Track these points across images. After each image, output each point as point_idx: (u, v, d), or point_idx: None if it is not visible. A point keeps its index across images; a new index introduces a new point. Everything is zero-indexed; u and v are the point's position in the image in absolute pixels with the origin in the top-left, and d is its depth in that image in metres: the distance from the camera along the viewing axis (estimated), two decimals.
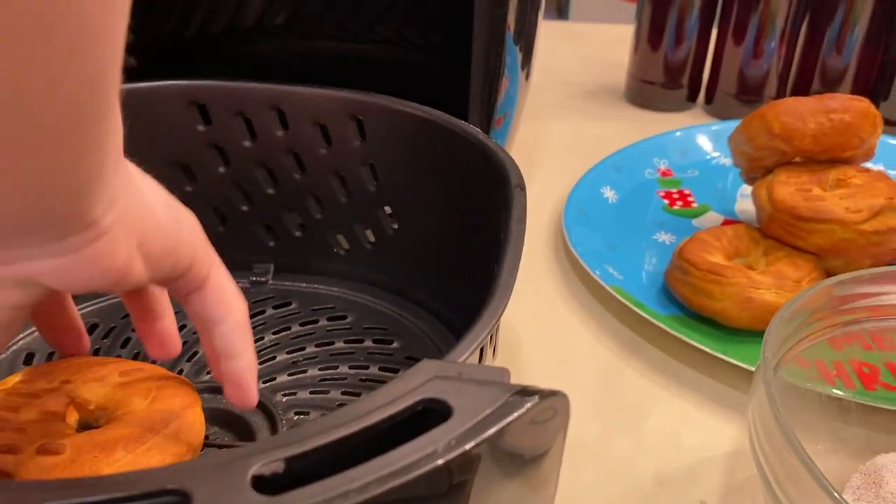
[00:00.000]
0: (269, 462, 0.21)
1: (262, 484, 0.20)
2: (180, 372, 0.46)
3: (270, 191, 0.52)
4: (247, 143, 0.50)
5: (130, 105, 0.49)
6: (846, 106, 0.56)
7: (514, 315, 0.57)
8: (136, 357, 0.47)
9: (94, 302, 0.51)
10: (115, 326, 0.50)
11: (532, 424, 0.24)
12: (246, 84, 0.49)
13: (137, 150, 0.49)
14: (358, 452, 0.22)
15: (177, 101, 0.49)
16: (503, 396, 0.23)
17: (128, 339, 0.49)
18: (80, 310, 0.49)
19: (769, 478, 0.34)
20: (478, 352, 0.30)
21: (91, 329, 0.49)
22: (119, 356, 0.47)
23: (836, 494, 0.29)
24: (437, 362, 0.25)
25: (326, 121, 0.49)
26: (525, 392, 0.23)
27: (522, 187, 0.39)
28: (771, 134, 0.57)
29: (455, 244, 0.48)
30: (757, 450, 0.35)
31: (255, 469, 0.20)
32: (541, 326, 0.56)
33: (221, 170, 0.51)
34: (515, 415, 0.23)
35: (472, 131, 0.45)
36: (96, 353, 0.47)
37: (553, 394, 0.24)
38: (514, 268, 0.33)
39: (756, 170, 0.61)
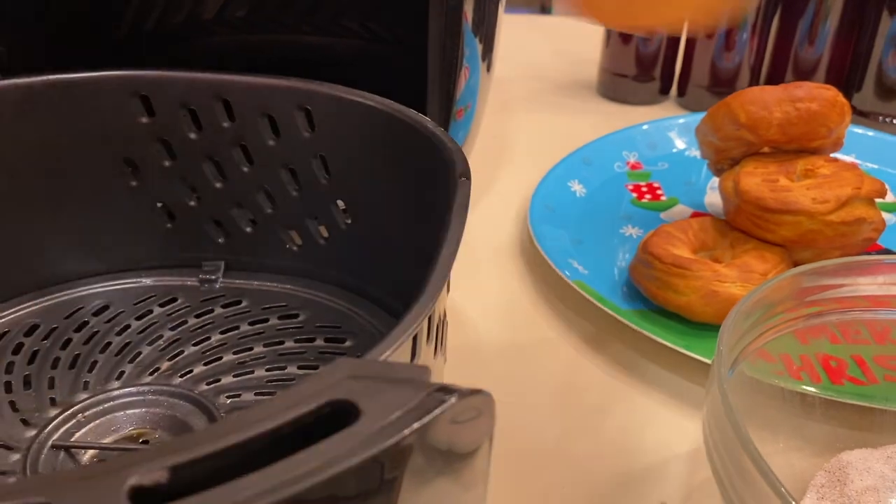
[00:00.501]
0: (150, 471, 0.19)
1: (142, 495, 0.18)
2: (121, 374, 0.44)
3: (218, 185, 0.50)
4: (192, 136, 0.48)
5: (71, 96, 0.47)
6: (812, 94, 0.54)
7: (476, 312, 0.55)
8: (78, 374, 0.45)
9: (36, 301, 0.49)
10: (57, 327, 0.47)
11: (454, 424, 0.22)
12: (189, 74, 0.47)
13: (80, 143, 0.48)
14: (257, 459, 0.20)
15: (118, 92, 0.47)
16: (417, 397, 0.21)
17: (68, 340, 0.47)
18: (20, 310, 0.48)
19: (723, 479, 0.32)
20: (407, 349, 0.28)
21: (30, 330, 0.47)
22: (58, 358, 0.45)
23: (790, 499, 0.28)
24: (354, 361, 0.23)
25: (274, 111, 0.47)
26: (443, 391, 0.21)
27: (467, 176, 0.37)
28: (737, 124, 0.55)
29: (408, 238, 0.46)
30: (711, 450, 0.34)
31: (135, 479, 0.18)
32: (504, 323, 0.54)
33: (167, 163, 0.49)
34: (429, 417, 0.21)
35: (421, 120, 0.43)
36: (34, 355, 0.45)
37: (475, 393, 0.22)
38: (450, 261, 0.31)
39: (723, 161, 0.59)
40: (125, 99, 0.47)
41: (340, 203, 0.49)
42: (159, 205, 0.50)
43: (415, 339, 0.29)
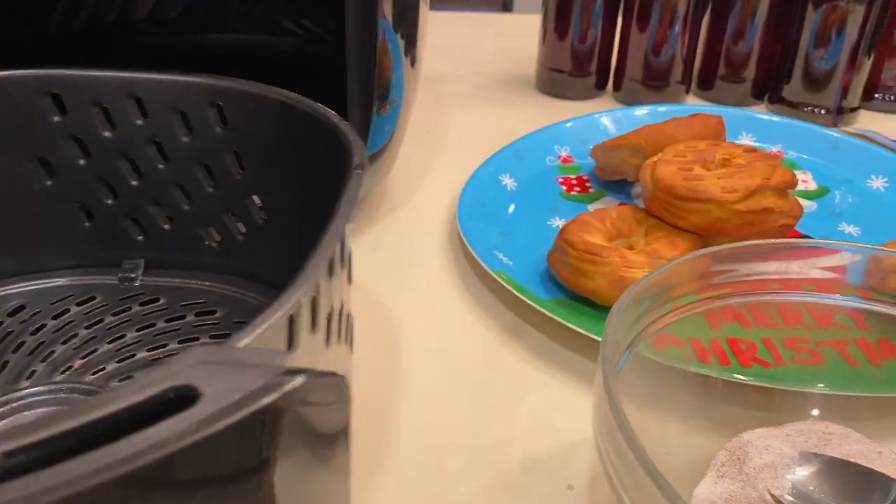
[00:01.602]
0: None
1: None
2: (32, 373, 0.44)
3: (135, 182, 0.49)
4: (106, 134, 0.48)
5: None
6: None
7: (400, 301, 0.55)
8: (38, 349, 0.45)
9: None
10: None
11: (308, 406, 0.22)
12: (100, 72, 0.47)
13: None
14: (93, 444, 0.20)
15: (29, 91, 0.46)
16: (261, 380, 0.21)
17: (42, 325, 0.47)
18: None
19: (606, 463, 0.32)
20: (280, 336, 0.28)
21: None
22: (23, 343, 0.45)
23: (662, 480, 0.28)
24: (209, 347, 0.23)
25: (186, 108, 0.47)
26: (290, 374, 0.21)
27: (363, 168, 0.37)
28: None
29: (321, 232, 0.46)
30: (596, 433, 0.34)
31: None
32: (427, 315, 0.54)
33: (82, 162, 0.48)
34: (270, 398, 0.21)
35: (325, 113, 0.43)
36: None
37: (326, 375, 0.22)
38: (330, 248, 0.31)
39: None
40: (36, 97, 0.47)
41: (257, 199, 0.49)
42: (77, 204, 0.50)
43: (290, 326, 0.28)
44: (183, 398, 0.21)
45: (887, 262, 0.43)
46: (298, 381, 0.21)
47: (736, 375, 0.43)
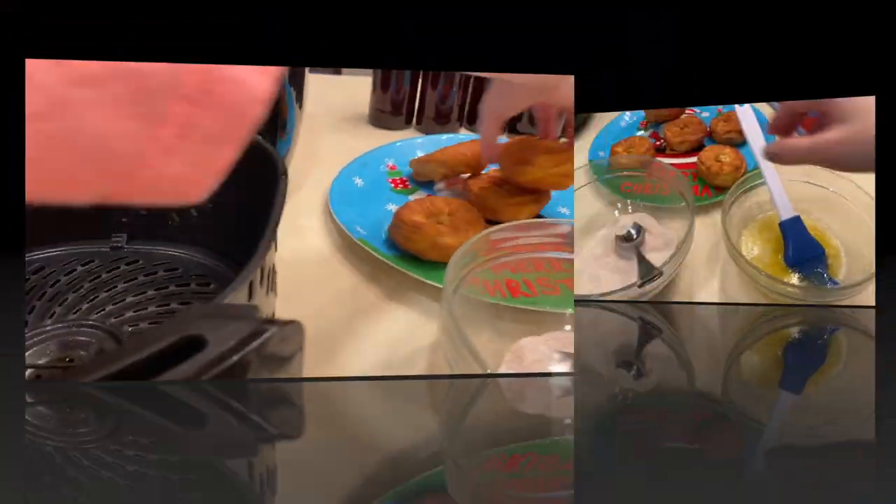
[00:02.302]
0: None
1: None
2: (53, 314, 0.38)
3: None
4: None
5: None
6: None
7: (293, 267, 0.52)
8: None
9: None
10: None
11: (281, 342, 0.20)
12: None
13: None
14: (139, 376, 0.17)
15: None
16: (248, 329, 0.19)
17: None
18: None
19: (448, 357, 0.32)
20: (245, 293, 0.25)
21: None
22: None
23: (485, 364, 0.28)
24: (204, 305, 0.20)
25: None
26: (267, 323, 0.19)
27: (286, 174, 0.34)
28: None
29: (253, 212, 0.42)
30: (442, 340, 0.33)
31: None
32: (318, 270, 0.51)
33: None
34: (257, 342, 0.19)
35: (258, 139, 0.39)
36: None
37: (290, 322, 0.20)
38: (273, 232, 0.29)
39: None
40: None
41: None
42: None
43: (250, 286, 0.26)
44: (193, 343, 0.18)
45: None
46: (274, 328, 0.19)
47: (510, 303, 0.44)
